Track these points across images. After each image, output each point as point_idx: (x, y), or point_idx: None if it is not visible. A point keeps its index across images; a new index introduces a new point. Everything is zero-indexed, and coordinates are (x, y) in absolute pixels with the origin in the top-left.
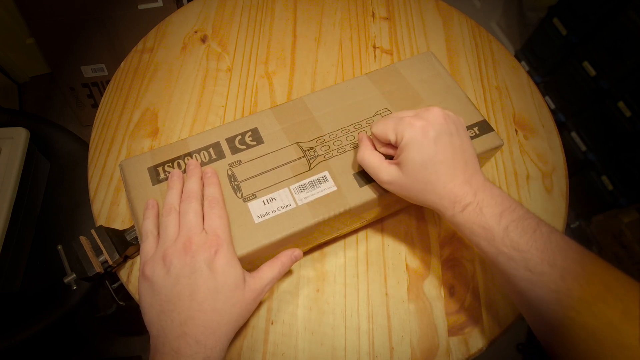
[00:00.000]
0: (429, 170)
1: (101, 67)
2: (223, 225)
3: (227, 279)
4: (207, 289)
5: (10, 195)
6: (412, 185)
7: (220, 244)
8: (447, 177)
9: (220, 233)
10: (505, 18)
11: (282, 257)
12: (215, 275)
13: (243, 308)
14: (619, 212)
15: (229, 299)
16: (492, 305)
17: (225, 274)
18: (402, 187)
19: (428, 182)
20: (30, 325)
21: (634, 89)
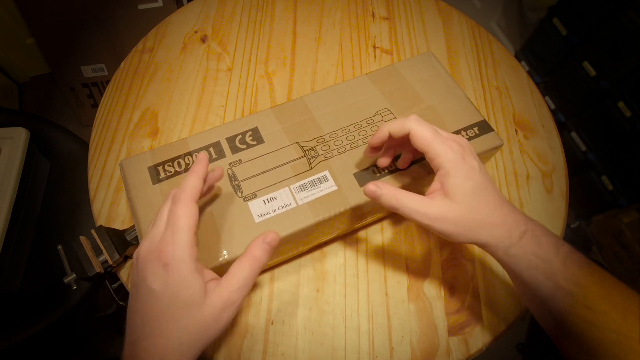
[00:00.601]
0: (480, 196)
1: (101, 67)
2: (183, 216)
3: (176, 297)
4: (157, 308)
5: (10, 195)
6: (465, 216)
7: (171, 256)
8: (495, 205)
9: (176, 239)
10: (505, 18)
11: (253, 250)
12: (162, 294)
13: (202, 328)
14: (619, 212)
15: (180, 319)
16: (492, 305)
17: (175, 293)
18: (454, 222)
19: (481, 210)
20: (30, 325)
21: (634, 89)
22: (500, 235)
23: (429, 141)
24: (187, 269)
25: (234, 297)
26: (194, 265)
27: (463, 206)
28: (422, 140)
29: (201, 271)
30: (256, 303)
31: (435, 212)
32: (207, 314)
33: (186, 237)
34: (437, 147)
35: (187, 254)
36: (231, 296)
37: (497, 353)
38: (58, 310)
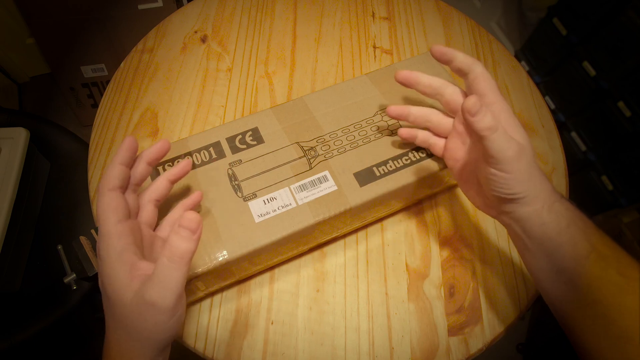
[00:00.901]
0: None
1: (101, 67)
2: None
3: (104, 290)
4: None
5: (10, 195)
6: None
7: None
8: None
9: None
10: (505, 18)
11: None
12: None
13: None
14: (619, 212)
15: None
16: (492, 305)
17: (103, 284)
18: (526, 150)
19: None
20: (30, 325)
21: (634, 89)
22: (548, 189)
23: (491, 85)
24: (110, 261)
25: (151, 297)
26: (116, 257)
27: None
28: (486, 81)
29: (130, 264)
30: (256, 303)
31: (520, 137)
32: (129, 312)
33: (105, 228)
34: (498, 94)
35: (110, 246)
36: (149, 296)
37: (497, 353)
38: (58, 310)
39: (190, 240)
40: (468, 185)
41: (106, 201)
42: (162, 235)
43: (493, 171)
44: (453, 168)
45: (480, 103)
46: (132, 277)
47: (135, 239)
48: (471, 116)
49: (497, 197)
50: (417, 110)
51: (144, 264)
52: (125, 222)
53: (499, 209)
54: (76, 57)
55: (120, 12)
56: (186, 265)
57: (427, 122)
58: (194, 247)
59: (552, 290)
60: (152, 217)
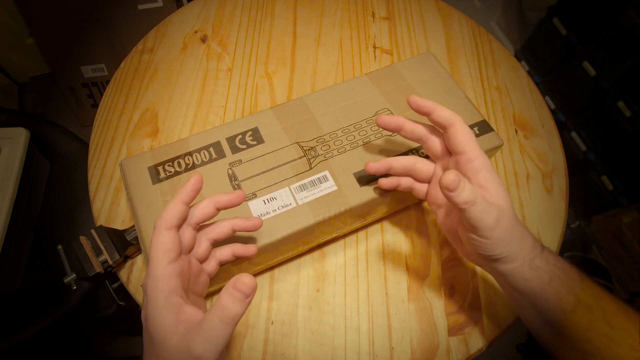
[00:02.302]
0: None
1: (101, 67)
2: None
3: (149, 331)
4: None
5: (10, 195)
6: (508, 208)
7: (146, 288)
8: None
9: (150, 270)
10: (505, 18)
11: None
12: (144, 324)
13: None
14: (619, 212)
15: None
16: (492, 305)
17: (147, 325)
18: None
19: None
20: (30, 325)
21: (634, 89)
22: (528, 246)
23: (471, 140)
24: (157, 304)
25: (197, 350)
26: (164, 301)
27: (505, 201)
28: (466, 136)
29: (177, 307)
30: (256, 303)
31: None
32: (172, 357)
33: (156, 269)
34: (478, 149)
35: (158, 288)
36: (195, 349)
37: (497, 353)
38: (58, 310)
39: (243, 304)
40: (452, 235)
41: (162, 240)
42: (208, 269)
43: (473, 236)
44: (436, 213)
45: (459, 178)
46: (178, 321)
47: (183, 278)
48: (449, 192)
49: (480, 254)
50: (398, 162)
51: (191, 309)
52: (177, 263)
53: (483, 263)
54: (76, 57)
55: (120, 12)
56: (235, 326)
57: (410, 172)
58: (245, 309)
59: (544, 337)
60: (205, 254)
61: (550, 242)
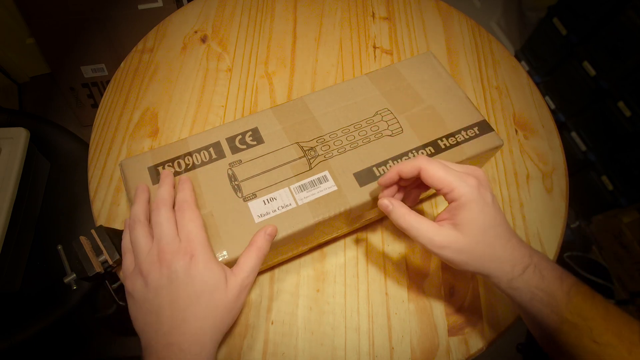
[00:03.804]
0: (490, 233)
1: (101, 67)
2: (196, 228)
3: (205, 283)
4: (186, 297)
5: (10, 195)
6: (472, 248)
7: (194, 249)
8: (504, 240)
9: (194, 237)
10: (505, 18)
11: (257, 241)
12: (193, 282)
13: (227, 308)
14: (619, 212)
15: (209, 302)
16: (492, 305)
17: (204, 279)
18: (459, 251)
19: (489, 244)
20: (30, 325)
21: (634, 89)
22: (504, 269)
23: (441, 177)
24: (210, 257)
25: (247, 281)
26: (213, 254)
27: (471, 239)
28: (435, 177)
29: (219, 260)
30: (256, 303)
31: (442, 240)
32: (230, 296)
33: (202, 234)
34: (452, 181)
35: (208, 246)
36: (245, 280)
37: (497, 353)
38: (58, 310)
39: (270, 242)
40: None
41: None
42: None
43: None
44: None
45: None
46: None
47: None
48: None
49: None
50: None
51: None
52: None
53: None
54: (76, 57)
55: (120, 12)
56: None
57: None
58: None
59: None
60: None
61: (550, 242)
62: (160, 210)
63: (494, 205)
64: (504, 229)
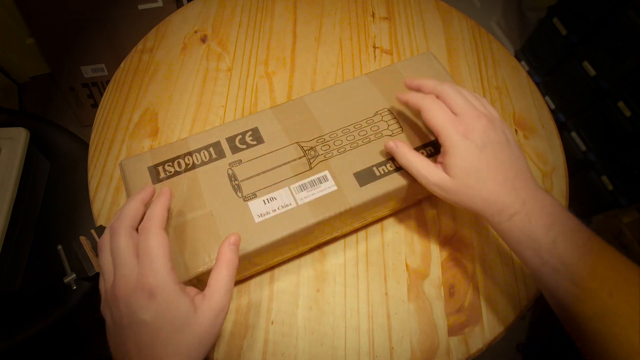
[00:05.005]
0: (473, 176)
1: (101, 67)
2: (157, 257)
3: (170, 322)
4: (150, 340)
5: (10, 195)
6: (458, 189)
7: (153, 284)
8: (493, 185)
9: (155, 267)
10: (505, 18)
11: (224, 254)
12: (155, 323)
13: (202, 341)
14: (619, 212)
15: (180, 341)
16: (492, 305)
17: (167, 319)
18: (449, 191)
19: (473, 187)
20: (30, 325)
21: (634, 89)
22: (490, 212)
23: (433, 122)
24: (173, 292)
25: (222, 303)
26: (177, 287)
27: (457, 181)
28: (429, 120)
29: (185, 290)
30: (256, 303)
31: (435, 179)
32: (202, 326)
33: (165, 264)
34: (441, 127)
35: (169, 279)
36: (219, 303)
37: (497, 353)
38: (58, 310)
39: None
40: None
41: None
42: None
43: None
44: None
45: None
46: (191, 299)
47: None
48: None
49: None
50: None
51: (190, 288)
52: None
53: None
54: (76, 57)
55: (120, 12)
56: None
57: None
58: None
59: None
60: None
61: None
62: (118, 234)
63: (483, 152)
64: (493, 173)
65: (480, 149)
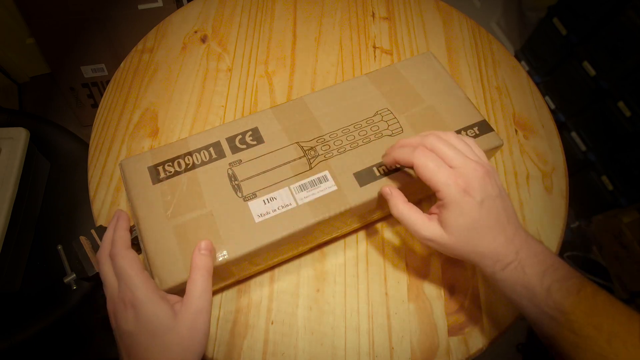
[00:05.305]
0: (472, 233)
1: (101, 67)
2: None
3: (151, 328)
4: (135, 346)
5: (10, 195)
6: (454, 244)
7: (133, 298)
8: (489, 239)
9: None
10: (505, 18)
11: (195, 261)
12: (140, 332)
13: (183, 342)
14: (619, 212)
15: (163, 345)
16: (492, 305)
17: (148, 325)
18: (443, 246)
19: (470, 243)
20: (30, 325)
21: (634, 89)
22: (485, 264)
23: (429, 177)
24: (151, 301)
25: (199, 305)
26: (157, 296)
27: (452, 237)
28: (424, 175)
29: (165, 298)
30: (256, 303)
31: (429, 234)
32: (183, 328)
33: (139, 278)
34: (438, 182)
35: (146, 290)
36: (196, 305)
37: (497, 353)
38: (58, 310)
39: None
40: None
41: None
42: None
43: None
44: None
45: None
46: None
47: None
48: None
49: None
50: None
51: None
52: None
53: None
54: (76, 57)
55: (120, 12)
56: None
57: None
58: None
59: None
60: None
61: (550, 242)
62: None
63: (483, 208)
64: (489, 228)
65: (479, 204)
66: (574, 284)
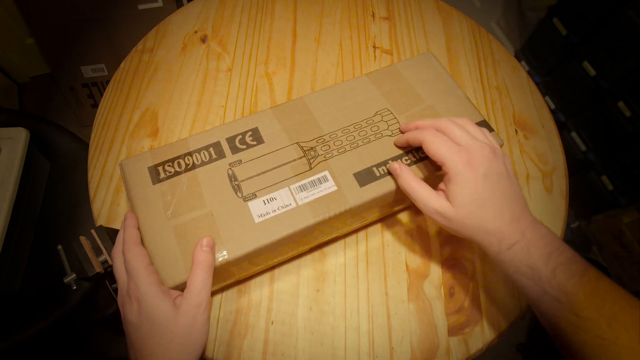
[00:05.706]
0: (477, 206)
1: (101, 67)
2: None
3: (154, 320)
4: (138, 340)
5: (10, 195)
6: (460, 217)
7: (139, 292)
8: (494, 214)
9: (137, 278)
10: (505, 18)
11: (196, 257)
12: (140, 323)
13: (185, 335)
14: (619, 212)
15: (161, 341)
16: (492, 305)
17: (154, 320)
18: (450, 218)
19: (475, 215)
20: (30, 325)
21: (634, 89)
22: (490, 242)
23: (436, 151)
24: (154, 294)
25: (199, 299)
26: (158, 290)
27: (458, 210)
28: (431, 151)
29: (167, 292)
30: (256, 303)
31: (435, 206)
32: (184, 321)
33: (144, 273)
34: (444, 156)
35: (148, 284)
36: (196, 299)
37: (497, 353)
38: (58, 310)
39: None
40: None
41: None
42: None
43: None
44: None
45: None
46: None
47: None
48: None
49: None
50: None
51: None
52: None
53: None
54: (76, 57)
55: (120, 12)
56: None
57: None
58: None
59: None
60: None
61: None
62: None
63: (487, 182)
64: (495, 205)
65: (483, 177)
66: (578, 268)
